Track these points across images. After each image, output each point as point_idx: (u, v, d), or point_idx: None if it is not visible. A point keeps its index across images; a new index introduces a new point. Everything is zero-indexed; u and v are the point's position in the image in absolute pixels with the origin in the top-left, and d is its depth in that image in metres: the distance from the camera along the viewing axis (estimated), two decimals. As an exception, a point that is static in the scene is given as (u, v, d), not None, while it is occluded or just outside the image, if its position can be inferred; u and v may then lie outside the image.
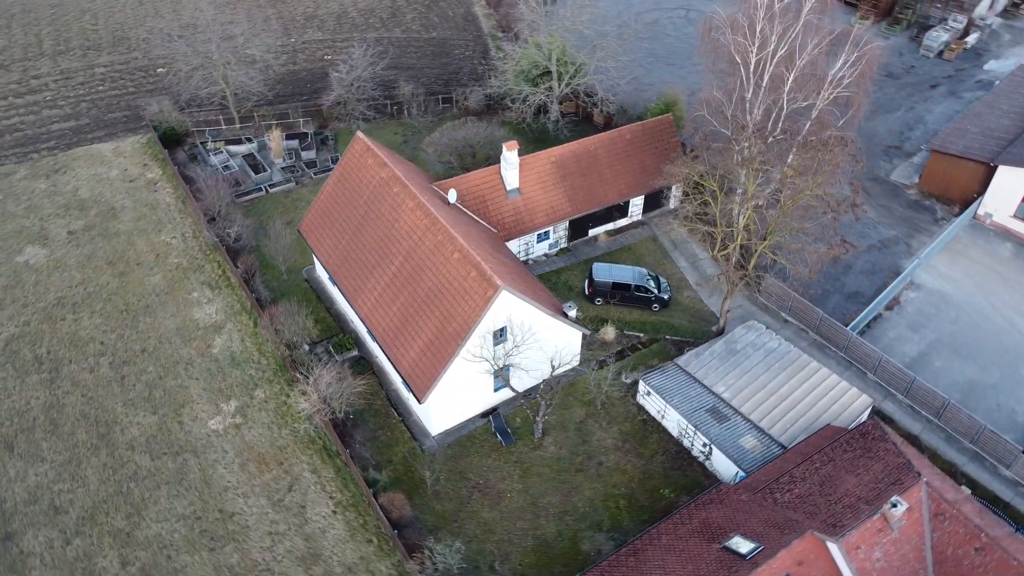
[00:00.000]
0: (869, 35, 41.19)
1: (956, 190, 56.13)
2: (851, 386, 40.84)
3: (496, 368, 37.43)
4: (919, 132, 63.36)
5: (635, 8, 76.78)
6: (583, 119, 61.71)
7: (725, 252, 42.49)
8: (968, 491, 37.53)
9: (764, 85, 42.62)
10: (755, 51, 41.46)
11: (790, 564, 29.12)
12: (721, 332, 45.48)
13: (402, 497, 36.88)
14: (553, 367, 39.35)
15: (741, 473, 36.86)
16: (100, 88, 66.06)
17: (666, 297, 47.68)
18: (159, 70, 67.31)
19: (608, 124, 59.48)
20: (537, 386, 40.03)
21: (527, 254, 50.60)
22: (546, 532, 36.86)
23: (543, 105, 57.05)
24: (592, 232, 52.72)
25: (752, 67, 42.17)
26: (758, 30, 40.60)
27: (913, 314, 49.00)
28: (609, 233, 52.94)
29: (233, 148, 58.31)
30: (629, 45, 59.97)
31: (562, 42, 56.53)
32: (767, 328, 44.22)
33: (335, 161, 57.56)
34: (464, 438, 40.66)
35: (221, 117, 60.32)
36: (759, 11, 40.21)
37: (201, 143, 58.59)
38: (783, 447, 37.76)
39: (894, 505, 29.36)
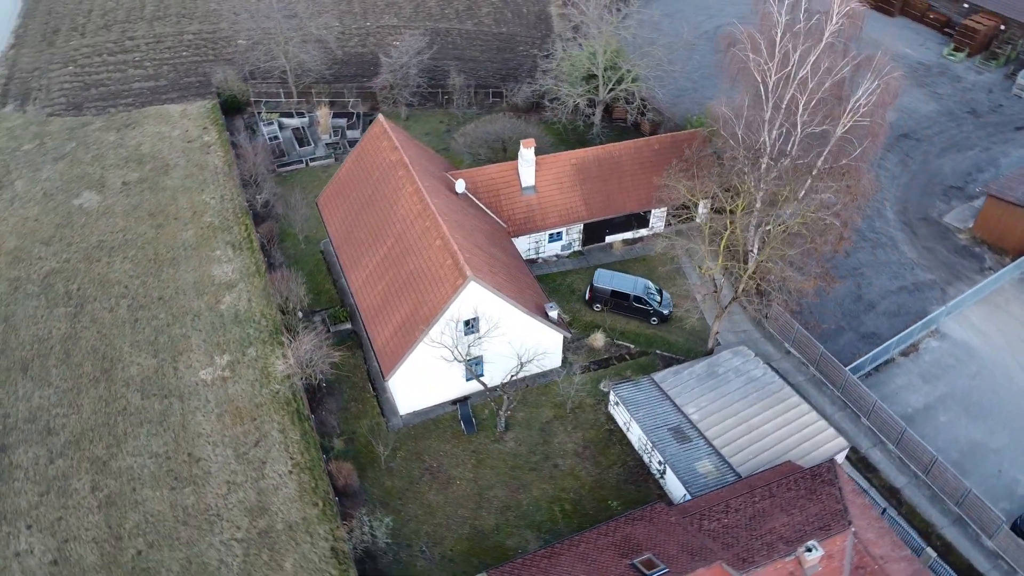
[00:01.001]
0: (891, 63, 39.09)
1: (1011, 240, 52.47)
2: (829, 426, 39.18)
3: (457, 357, 38.00)
4: (988, 175, 59.46)
5: (708, 19, 75.28)
6: (631, 127, 61.21)
7: (712, 271, 41.59)
8: (933, 554, 35.44)
9: (783, 107, 41.25)
10: (774, 71, 40.20)
11: (690, 590, 28.57)
12: (710, 353, 44.45)
13: (350, 467, 38.17)
14: (521, 363, 39.67)
15: (688, 496, 36.13)
16: (184, 54, 70.66)
17: (666, 312, 46.96)
18: (239, 42, 71.27)
19: (654, 134, 58.80)
20: (505, 381, 40.41)
21: (537, 253, 50.89)
22: (484, 524, 37.31)
23: (583, 108, 56.90)
24: (609, 239, 52.41)
25: (771, 87, 40.91)
26: (777, 49, 39.34)
27: (929, 364, 46.30)
28: (626, 242, 52.48)
29: (285, 120, 61.26)
30: (679, 55, 59.07)
31: (613, 46, 56.30)
32: (755, 356, 42.89)
33: (377, 143, 59.62)
34: (430, 421, 41.57)
35: (281, 90, 63.43)
36: (778, 28, 38.95)
37: (257, 113, 61.84)
38: (738, 476, 36.71)
39: (809, 550, 28.26)
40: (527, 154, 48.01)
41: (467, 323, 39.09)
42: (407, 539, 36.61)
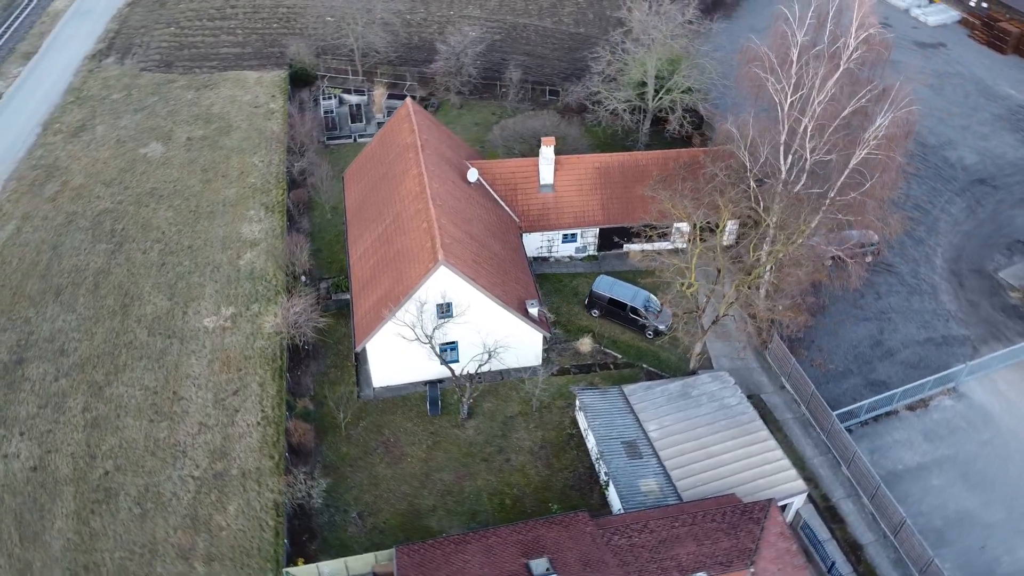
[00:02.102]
0: (911, 96, 36.64)
1: (1068, 306, 48.05)
2: (791, 468, 37.37)
3: (421, 338, 38.71)
4: (1066, 233, 54.56)
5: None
6: (681, 139, 59.94)
7: (693, 288, 40.46)
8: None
9: (798, 131, 39.56)
10: (789, 93, 38.56)
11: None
12: (692, 374, 43.26)
13: (308, 427, 39.78)
14: (489, 354, 40.07)
15: (622, 510, 35.52)
16: (274, 25, 74.74)
17: (662, 327, 46.00)
18: (328, 18, 74.68)
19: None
20: (471, 370, 40.86)
21: (549, 251, 50.92)
22: (422, 504, 38.03)
23: (622, 113, 56.23)
24: (626, 247, 51.72)
25: (786, 109, 39.28)
26: (793, 70, 37.72)
27: (936, 422, 43.21)
28: (645, 252, 51.56)
29: (346, 97, 63.85)
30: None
31: (670, 54, 55.33)
32: (735, 383, 41.39)
33: (425, 127, 61.28)
34: (400, 398, 42.64)
35: (349, 68, 66.10)
36: (794, 48, 37.32)
37: (322, 87, 64.77)
38: (680, 500, 35.72)
39: (696, 581, 27.39)
40: (547, 152, 48.14)
41: (441, 307, 39.81)
42: (346, 504, 37.85)
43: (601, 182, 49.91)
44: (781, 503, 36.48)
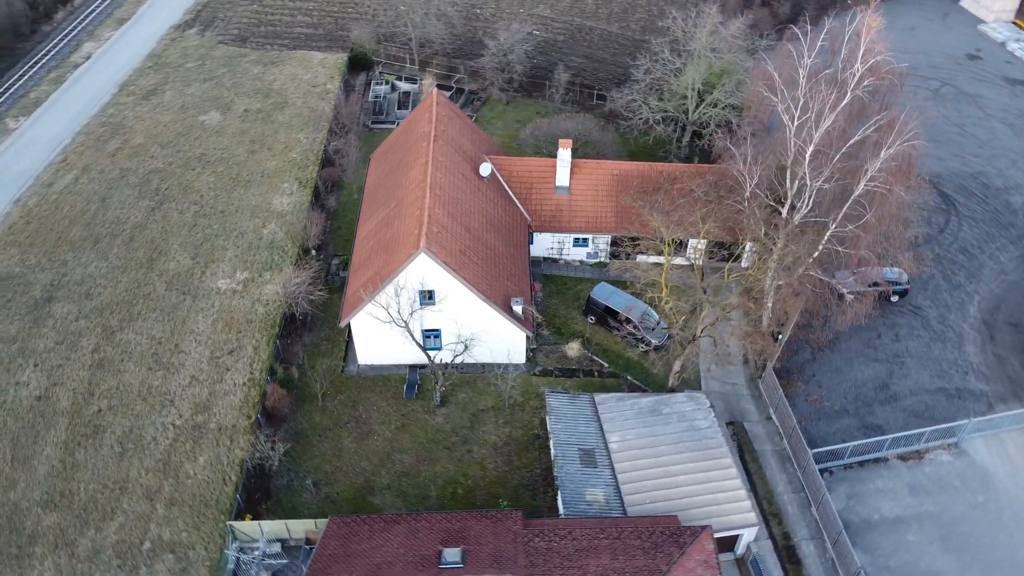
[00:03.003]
0: (916, 127, 34.66)
1: (1105, 373, 44.39)
2: (747, 500, 36.26)
3: (397, 321, 39.50)
4: (1123, 296, 50.30)
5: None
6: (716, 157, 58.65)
7: (668, 304, 39.75)
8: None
9: (803, 155, 38.25)
10: (796, 116, 37.29)
11: (471, 592, 28.69)
12: (671, 391, 42.51)
13: (284, 393, 41.47)
14: (465, 345, 40.70)
15: (567, 514, 35.46)
16: (349, 10, 77.44)
17: (655, 342, 45.32)
18: (401, 7, 76.78)
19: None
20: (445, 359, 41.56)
21: (560, 253, 50.93)
22: (378, 481, 39.05)
23: (655, 123, 55.46)
24: (640, 258, 51.07)
25: (792, 132, 38.01)
26: (800, 93, 36.44)
27: (928, 476, 40.91)
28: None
29: (398, 84, 65.63)
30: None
31: (719, 66, 54.30)
32: (710, 406, 40.40)
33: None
34: (381, 377, 43.80)
35: (406, 56, 67.86)
36: (802, 71, 36.02)
37: (379, 72, 66.81)
38: (624, 515, 35.32)
39: (589, 592, 27.21)
40: (563, 154, 48.20)
41: (424, 293, 40.67)
42: (306, 471, 39.29)
43: (617, 189, 49.53)
44: (731, 533, 35.58)
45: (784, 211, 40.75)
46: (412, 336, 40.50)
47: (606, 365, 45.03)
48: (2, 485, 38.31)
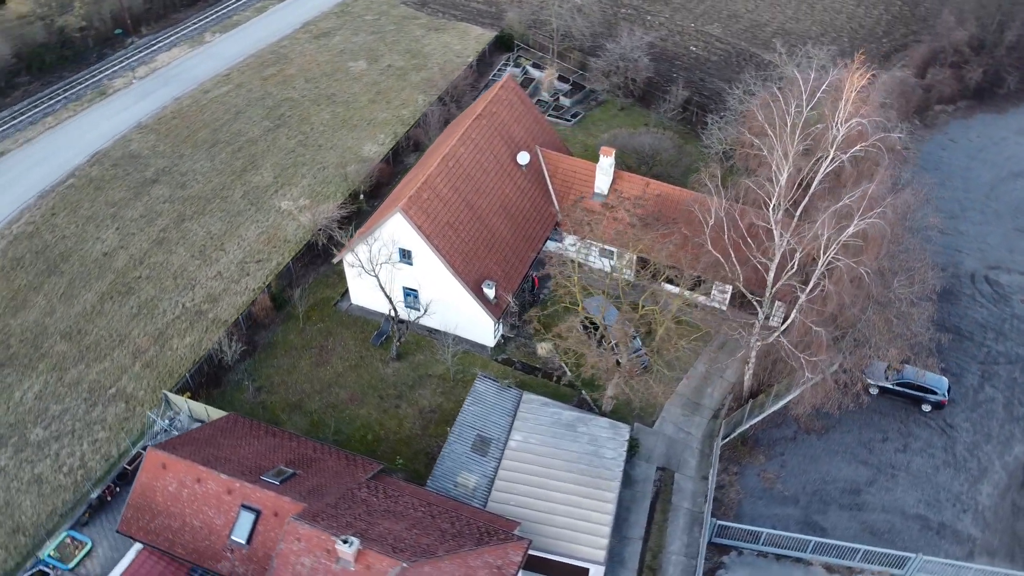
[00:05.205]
0: (886, 205, 30.36)
1: None
2: (604, 536, 34.91)
3: (368, 271, 42.17)
4: None
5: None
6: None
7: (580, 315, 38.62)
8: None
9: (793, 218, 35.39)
10: (785, 171, 34.47)
11: (272, 506, 31.35)
12: (603, 415, 41.37)
13: (270, 306, 46.21)
14: (424, 310, 42.86)
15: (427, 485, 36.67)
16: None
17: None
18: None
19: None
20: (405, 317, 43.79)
21: (585, 259, 50.71)
22: (308, 404, 42.55)
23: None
24: (666, 286, 49.36)
25: (783, 181, 35.18)
26: (776, 144, 33.60)
27: (845, 597, 36.43)
28: (683, 299, 48.98)
29: (531, 70, 67.84)
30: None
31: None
32: (625, 441, 38.89)
33: (574, 116, 63.39)
34: (363, 320, 47.13)
35: (549, 45, 69.74)
36: (785, 126, 33.10)
37: (515, 55, 69.48)
38: (481, 508, 35.69)
39: (346, 541, 28.65)
40: (604, 162, 47.91)
41: (404, 252, 43.22)
42: (257, 375, 43.77)
43: (655, 210, 48.16)
44: (575, 563, 34.67)
45: (773, 266, 37.87)
46: (381, 286, 43.22)
47: (568, 374, 44.66)
48: (46, 310, 46.95)
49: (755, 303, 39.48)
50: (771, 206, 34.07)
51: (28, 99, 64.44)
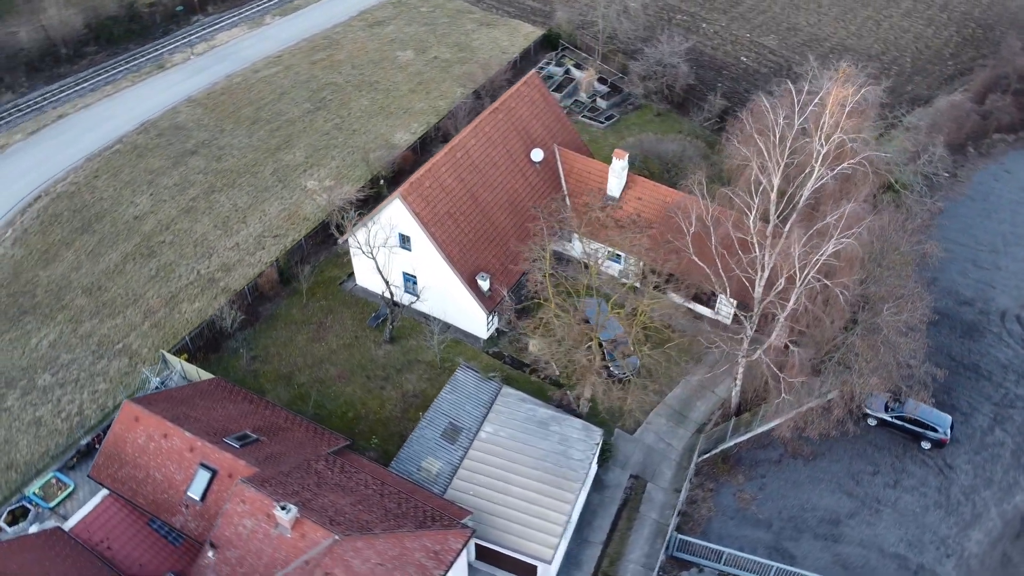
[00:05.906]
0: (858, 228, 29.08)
1: None
2: (557, 539, 34.70)
3: (366, 252, 42.99)
4: None
5: None
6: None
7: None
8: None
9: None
10: (775, 182, 33.56)
11: (229, 467, 32.48)
12: (580, 416, 41.05)
13: (276, 280, 47.67)
14: (417, 296, 43.47)
15: (390, 467, 37.22)
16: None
17: (615, 372, 43.65)
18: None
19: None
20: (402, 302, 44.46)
21: (594, 260, 50.31)
22: (297, 377, 43.73)
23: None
24: (671, 296, 48.65)
25: (773, 195, 34.26)
26: (767, 157, 32.68)
27: (803, 628, 35.25)
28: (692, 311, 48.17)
29: (573, 70, 67.74)
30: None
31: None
32: (597, 444, 38.51)
33: (608, 119, 62.99)
34: (364, 301, 48.08)
35: (595, 46, 69.45)
36: (773, 139, 32.12)
37: (559, 54, 69.50)
38: (437, 493, 36.01)
39: (284, 508, 29.45)
40: (616, 165, 47.54)
41: (404, 237, 43.95)
42: (254, 344, 45.23)
43: (664, 218, 47.50)
44: (523, 559, 34.67)
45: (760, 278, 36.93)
46: (378, 269, 44.04)
47: (557, 373, 44.46)
48: (73, 265, 49.65)
49: (742, 317, 38.58)
50: (751, 218, 33.22)
51: (93, 68, 68.09)
